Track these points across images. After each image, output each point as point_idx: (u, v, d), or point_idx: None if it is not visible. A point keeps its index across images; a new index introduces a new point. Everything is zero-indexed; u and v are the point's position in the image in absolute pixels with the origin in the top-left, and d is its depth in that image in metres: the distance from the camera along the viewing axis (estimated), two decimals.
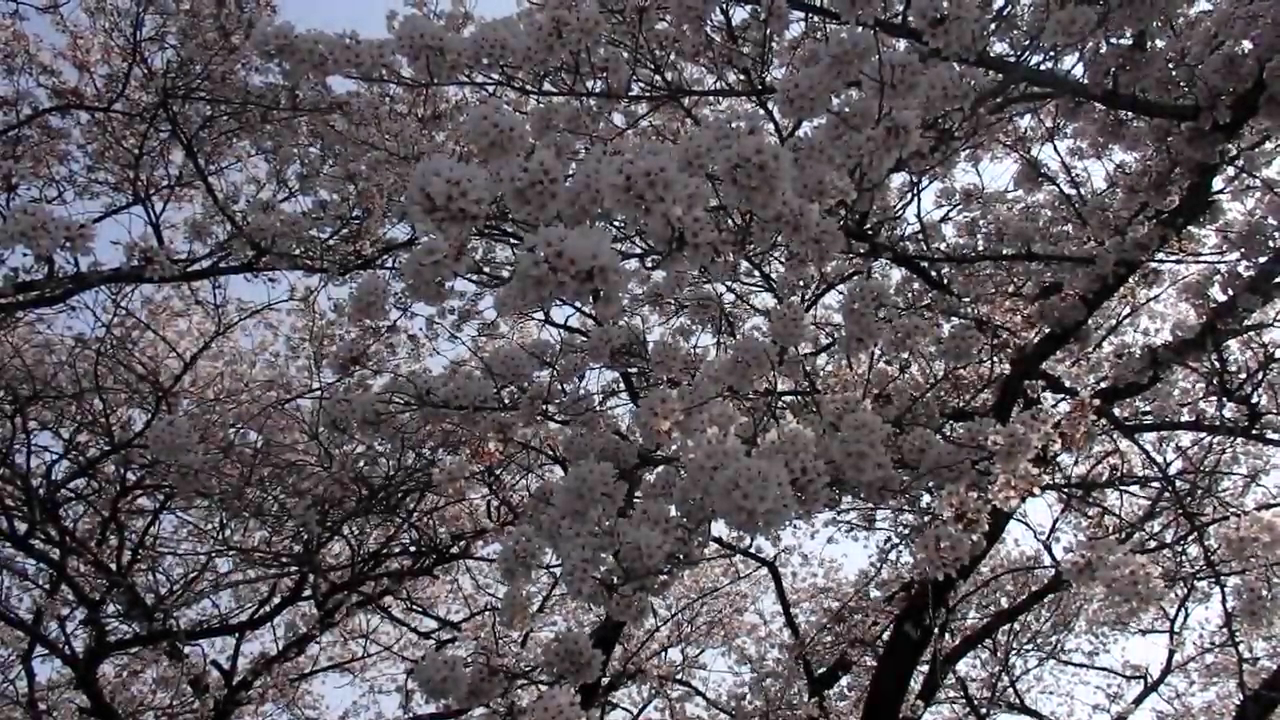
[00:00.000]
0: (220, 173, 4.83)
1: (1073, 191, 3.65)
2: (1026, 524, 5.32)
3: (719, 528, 2.10)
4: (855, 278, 4.28)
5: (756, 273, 4.54)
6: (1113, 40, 2.57)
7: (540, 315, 3.87)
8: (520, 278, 1.06)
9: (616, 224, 1.58)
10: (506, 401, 2.43)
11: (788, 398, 3.06)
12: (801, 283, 3.45)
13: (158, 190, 4.72)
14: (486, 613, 6.26)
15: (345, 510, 4.66)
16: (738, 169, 1.32)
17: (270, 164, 4.81)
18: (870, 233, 3.37)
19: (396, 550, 5.44)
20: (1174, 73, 2.67)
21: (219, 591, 5.67)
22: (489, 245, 4.40)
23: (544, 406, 2.36)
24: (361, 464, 4.81)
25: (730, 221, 1.67)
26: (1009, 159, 4.18)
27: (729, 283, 3.87)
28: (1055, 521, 5.16)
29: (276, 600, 5.64)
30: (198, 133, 4.37)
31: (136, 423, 5.22)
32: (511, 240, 3.92)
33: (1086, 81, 2.59)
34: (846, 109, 1.69)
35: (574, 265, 1.04)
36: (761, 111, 3.38)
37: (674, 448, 1.98)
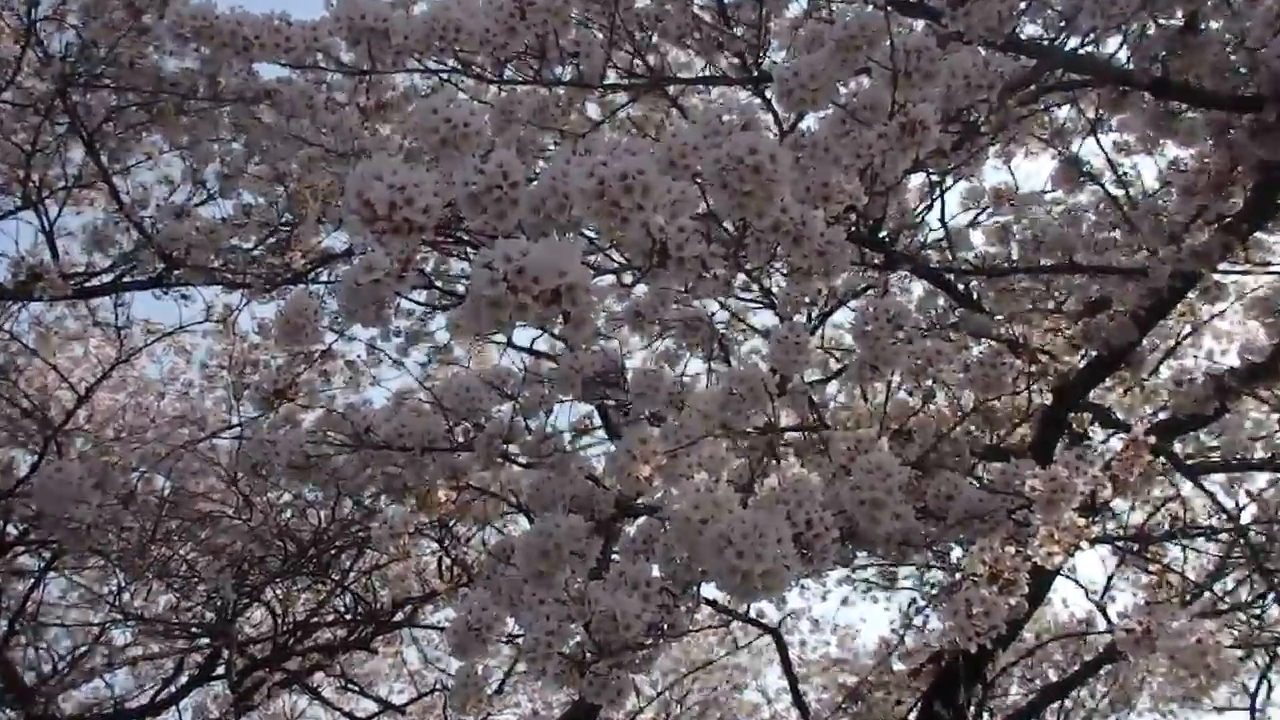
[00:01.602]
0: (127, 172, 4.82)
1: (1120, 192, 3.72)
2: (1076, 581, 5.31)
3: (711, 590, 2.09)
4: (869, 294, 4.34)
5: (755, 287, 4.57)
6: (1160, 21, 2.64)
7: (500, 338, 3.88)
8: (475, 298, 1.06)
9: (588, 234, 1.60)
10: (460, 440, 2.42)
11: (790, 436, 3.07)
12: (806, 299, 3.48)
13: (52, 192, 4.70)
14: (436, 693, 6.17)
15: (268, 571, 4.60)
16: (729, 171, 1.34)
17: (186, 162, 4.81)
18: (885, 242, 3.42)
19: (329, 618, 5.37)
20: (1232, 58, 2.73)
21: (114, 669, 5.57)
22: (441, 256, 4.41)
23: (504, 447, 2.36)
24: (288, 515, 4.76)
25: (723, 231, 1.69)
26: (1045, 155, 4.25)
27: (722, 300, 3.91)
28: (1110, 579, 5.16)
29: (184, 679, 5.54)
30: (101, 126, 4.36)
31: (20, 467, 5.14)
32: (467, 250, 3.93)
33: (1131, 68, 2.65)
34: (855, 101, 1.73)
35: (538, 284, 1.05)
36: (758, 102, 3.42)
37: (657, 496, 1.98)
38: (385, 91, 4.41)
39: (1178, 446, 3.78)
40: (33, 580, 5.21)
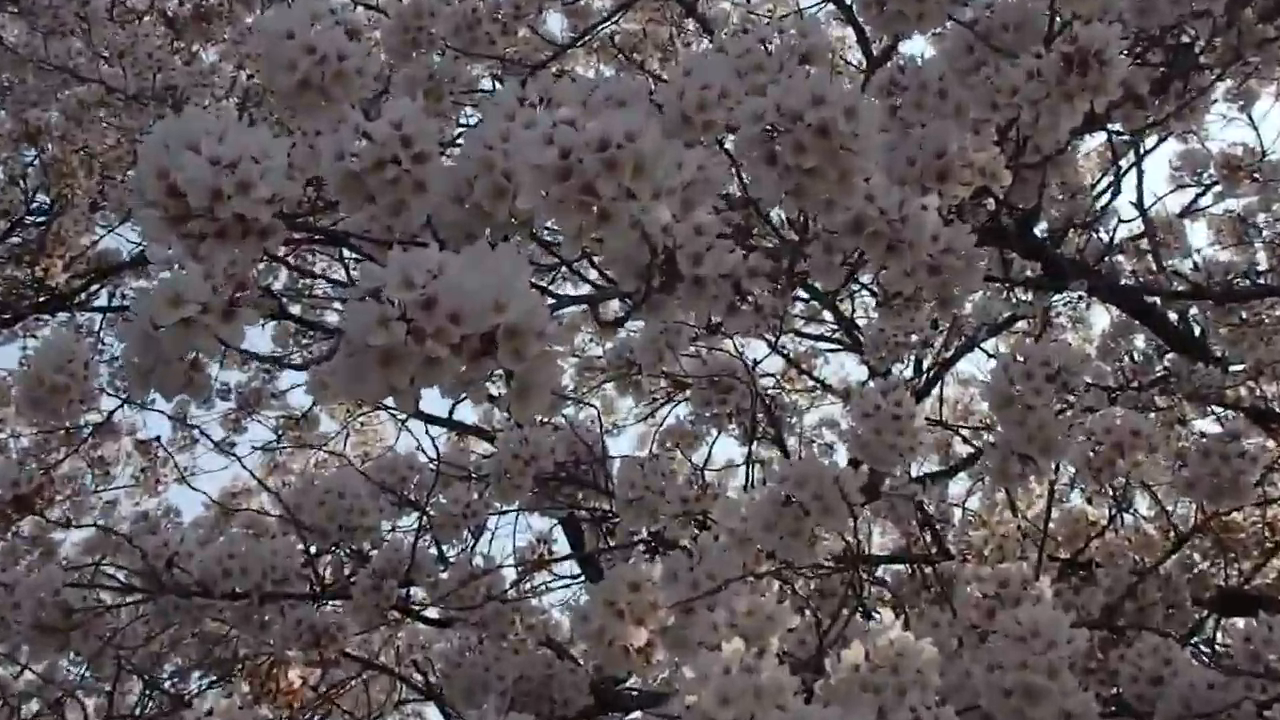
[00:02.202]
0: None
1: None
2: None
3: None
4: (1016, 330, 4.30)
5: (827, 318, 4.57)
6: None
7: (397, 407, 3.85)
8: (354, 347, 1.07)
9: (546, 238, 1.59)
10: (328, 580, 2.41)
11: (886, 571, 3.04)
12: (912, 339, 3.48)
13: None
14: None
15: None
16: (781, 133, 1.36)
17: None
18: (1044, 245, 3.43)
19: None
20: None
21: None
22: (301, 262, 4.42)
23: (403, 591, 2.34)
24: (34, 709, 4.71)
25: (771, 231, 1.70)
26: None
27: (771, 339, 3.92)
28: None
29: None
30: None
31: None
32: (343, 259, 3.96)
33: None
34: (988, 16, 1.75)
35: (459, 323, 1.06)
36: (830, 10, 3.46)
37: (660, 678, 1.97)
38: None
39: None
40: None
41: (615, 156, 1.19)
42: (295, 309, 4.51)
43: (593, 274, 1.55)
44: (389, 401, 1.08)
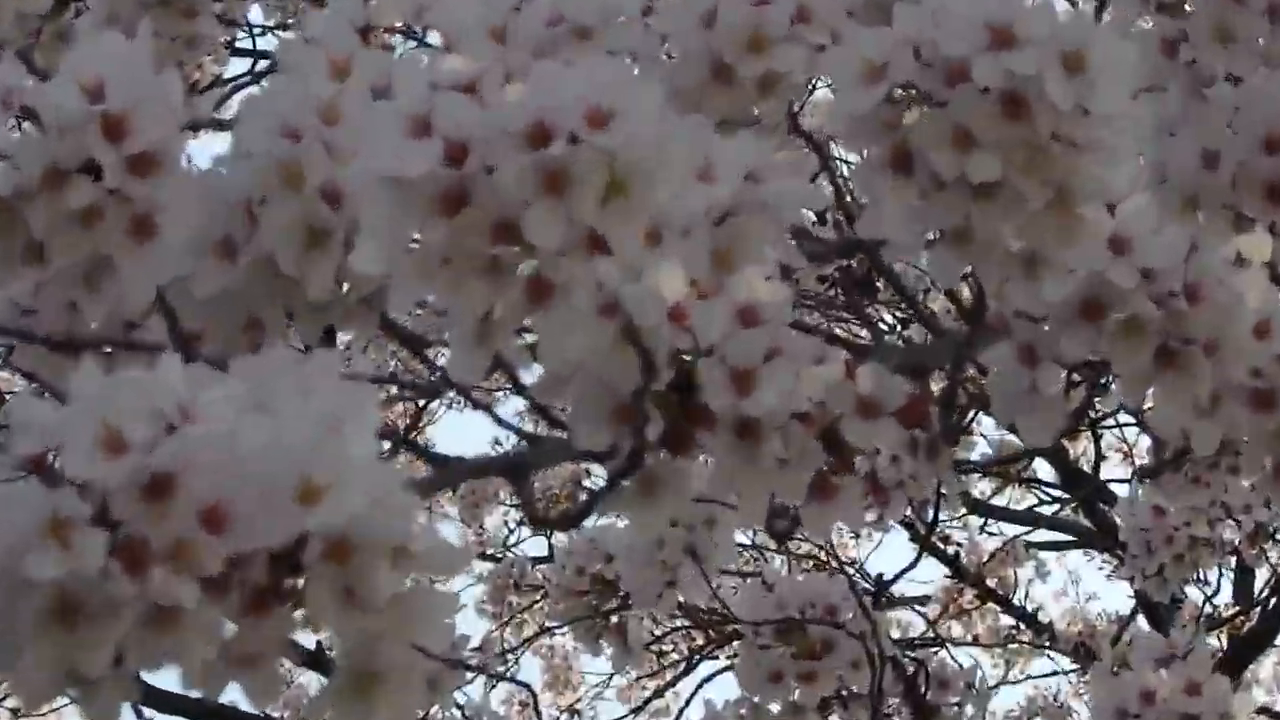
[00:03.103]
0: None
1: None
2: None
3: None
4: None
5: (1045, 466, 4.63)
6: None
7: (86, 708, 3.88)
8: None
9: (417, 331, 1.60)
10: None
11: None
12: (1223, 531, 3.55)
13: None
14: None
15: None
16: (926, 108, 1.38)
17: None
18: None
19: None
20: None
21: None
22: None
23: None
24: None
25: (903, 305, 1.73)
26: None
27: (920, 525, 4.00)
28: None
29: None
30: None
31: None
32: None
33: None
34: None
35: (222, 527, 1.07)
36: None
37: None
38: None
39: None
40: None
41: (566, 159, 1.19)
42: None
43: (516, 407, 1.56)
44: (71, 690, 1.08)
